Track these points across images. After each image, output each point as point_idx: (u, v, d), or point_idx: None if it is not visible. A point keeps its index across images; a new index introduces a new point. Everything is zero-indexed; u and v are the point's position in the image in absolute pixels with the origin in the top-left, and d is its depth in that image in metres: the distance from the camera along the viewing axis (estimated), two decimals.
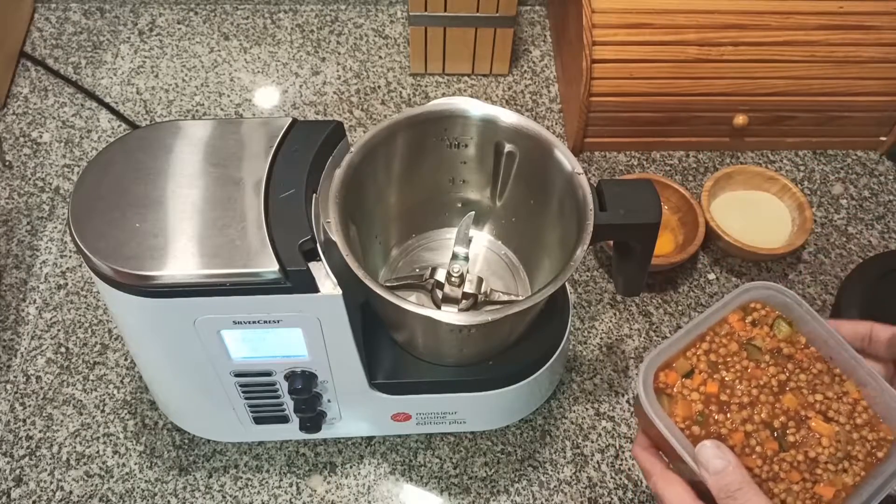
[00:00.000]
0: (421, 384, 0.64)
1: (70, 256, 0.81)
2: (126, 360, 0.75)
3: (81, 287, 0.79)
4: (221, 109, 0.93)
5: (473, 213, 0.67)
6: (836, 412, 0.50)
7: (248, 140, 0.56)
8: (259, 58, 0.98)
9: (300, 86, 0.96)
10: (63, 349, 0.75)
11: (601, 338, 0.78)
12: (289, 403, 0.63)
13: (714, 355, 0.52)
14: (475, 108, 0.60)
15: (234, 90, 0.95)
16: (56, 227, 0.83)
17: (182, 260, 0.50)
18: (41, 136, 0.90)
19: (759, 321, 0.53)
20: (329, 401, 0.64)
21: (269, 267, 0.50)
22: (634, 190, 0.57)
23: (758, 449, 0.49)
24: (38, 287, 0.79)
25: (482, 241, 0.71)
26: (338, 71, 0.97)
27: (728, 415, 0.50)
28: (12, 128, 0.91)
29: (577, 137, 0.89)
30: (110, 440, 0.71)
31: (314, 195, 0.55)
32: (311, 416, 0.64)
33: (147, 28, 1.00)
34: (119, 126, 0.92)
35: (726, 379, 0.51)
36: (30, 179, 0.87)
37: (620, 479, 0.70)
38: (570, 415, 0.73)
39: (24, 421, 0.71)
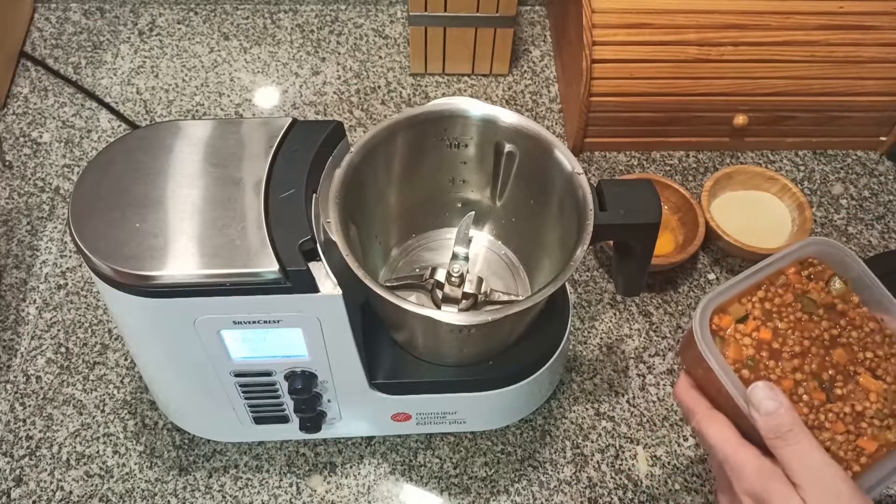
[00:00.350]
0: (421, 384, 0.64)
1: (70, 256, 0.81)
2: (126, 360, 0.75)
3: (81, 287, 0.79)
4: (221, 109, 0.93)
5: (473, 213, 0.67)
6: (885, 371, 0.51)
7: (248, 140, 0.56)
8: (259, 58, 0.98)
9: (300, 86, 0.96)
10: (63, 349, 0.75)
11: (601, 338, 0.78)
12: (289, 403, 0.63)
13: (769, 304, 0.52)
14: (475, 108, 0.60)
15: (234, 90, 0.95)
16: (56, 227, 0.83)
17: (182, 260, 0.50)
18: (41, 136, 0.90)
19: (815, 276, 0.54)
20: (329, 401, 0.64)
21: (269, 267, 0.50)
22: (634, 190, 0.57)
23: (805, 398, 0.49)
24: (38, 287, 0.79)
25: (482, 241, 0.71)
26: (338, 71, 0.97)
27: (779, 362, 0.50)
28: (12, 128, 0.91)
29: (577, 137, 0.89)
30: (110, 440, 0.71)
31: (314, 195, 0.55)
32: (311, 416, 0.64)
33: (147, 28, 1.00)
34: (119, 126, 0.92)
35: (779, 328, 0.51)
36: (30, 179, 0.87)
37: (620, 479, 0.70)
38: (570, 415, 0.73)
39: (24, 421, 0.71)
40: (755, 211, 0.84)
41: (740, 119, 0.86)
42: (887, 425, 0.49)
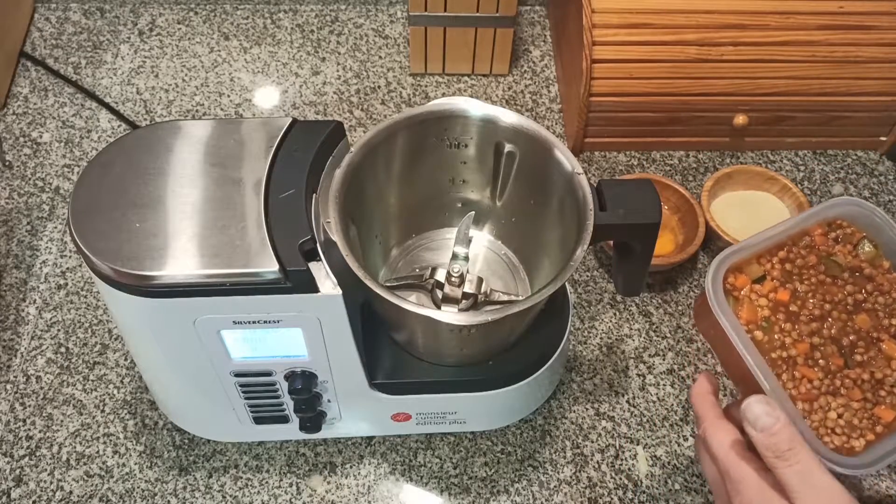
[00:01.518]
0: (421, 384, 0.64)
1: (70, 256, 0.81)
2: (126, 360, 0.75)
3: (81, 287, 0.79)
4: (221, 109, 0.93)
5: (473, 213, 0.67)
6: None
7: (248, 140, 0.56)
8: (259, 58, 0.98)
9: (300, 86, 0.96)
10: (63, 349, 0.75)
11: (601, 338, 0.78)
12: (289, 403, 0.63)
13: (790, 265, 0.49)
14: (475, 108, 0.60)
15: (234, 90, 0.95)
16: (56, 227, 0.83)
17: (182, 260, 0.50)
18: (41, 136, 0.90)
19: (843, 238, 0.50)
20: (329, 401, 0.64)
21: (269, 267, 0.50)
22: (634, 190, 0.57)
23: (821, 362, 0.47)
24: (38, 287, 0.79)
25: (482, 241, 0.71)
26: (338, 71, 0.97)
27: (796, 325, 0.47)
28: (12, 128, 0.91)
29: (577, 137, 0.89)
30: (110, 440, 0.71)
31: (314, 195, 0.55)
32: (311, 416, 0.64)
33: (147, 28, 1.00)
34: (119, 126, 0.92)
35: (799, 290, 0.48)
36: (30, 179, 0.87)
37: (620, 479, 0.70)
38: (570, 415, 0.73)
39: (24, 421, 0.71)
40: (755, 211, 0.84)
41: (740, 119, 0.86)
42: None
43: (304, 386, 0.60)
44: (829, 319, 0.48)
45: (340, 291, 0.52)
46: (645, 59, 0.84)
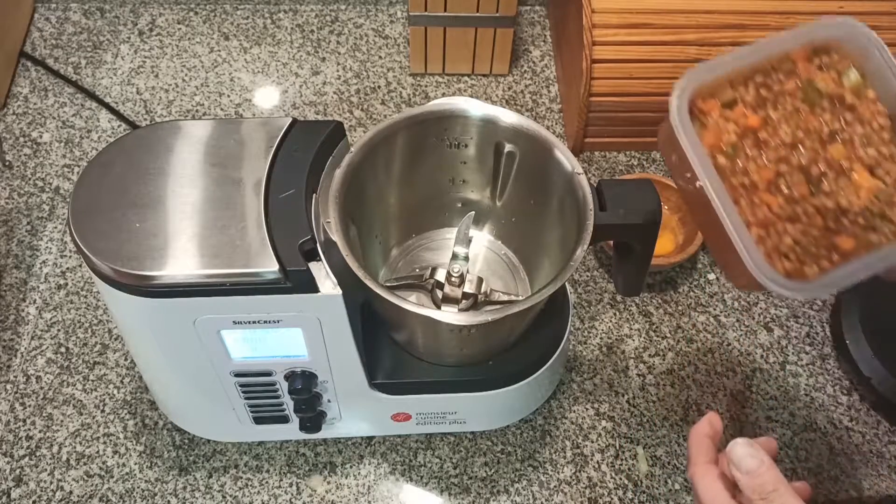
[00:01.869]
0: (421, 384, 0.64)
1: (70, 256, 0.81)
2: (126, 360, 0.75)
3: (81, 287, 0.79)
4: (221, 109, 0.93)
5: (473, 213, 0.67)
6: (886, 172, 0.46)
7: (248, 140, 0.56)
8: (259, 58, 0.98)
9: (300, 86, 0.96)
10: (63, 349, 0.75)
11: (601, 338, 0.78)
12: (289, 403, 0.63)
13: (766, 90, 0.46)
14: (475, 108, 0.60)
15: (234, 90, 0.95)
16: (56, 227, 0.83)
17: (182, 260, 0.50)
18: (41, 136, 0.90)
19: (828, 66, 0.47)
20: (329, 401, 0.64)
21: (269, 267, 0.50)
22: (634, 190, 0.57)
23: (785, 190, 0.45)
24: (38, 287, 0.79)
25: (482, 241, 0.71)
26: (338, 71, 0.97)
27: (763, 152, 0.45)
28: (12, 128, 0.91)
29: (577, 137, 0.89)
30: (110, 440, 0.71)
31: (314, 195, 0.55)
32: (311, 416, 0.64)
33: (147, 28, 1.00)
34: (119, 126, 0.92)
35: (772, 117, 0.46)
36: (30, 179, 0.87)
37: (620, 479, 0.70)
38: (570, 415, 0.73)
39: (24, 421, 0.71)
40: None
41: None
42: (872, 226, 0.45)
43: (304, 386, 0.60)
44: (801, 148, 0.45)
45: (340, 291, 0.52)
46: (645, 59, 0.84)
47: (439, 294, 0.63)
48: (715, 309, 0.80)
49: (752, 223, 0.45)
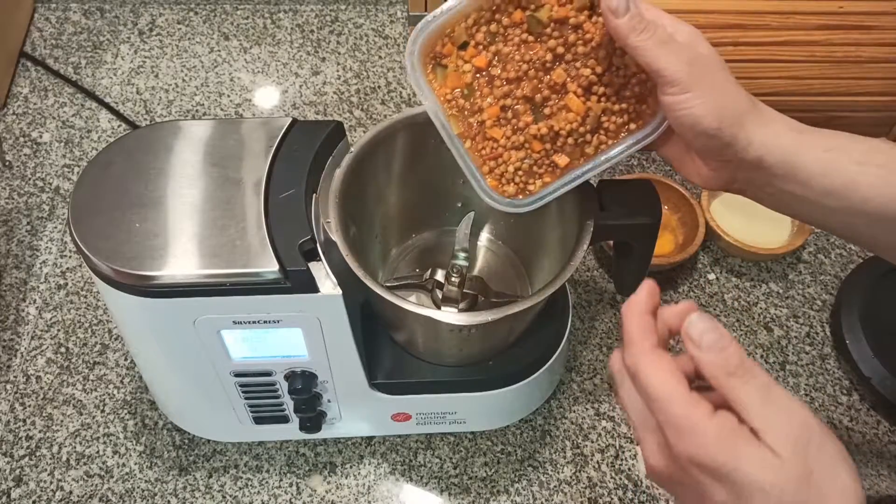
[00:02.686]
0: (421, 384, 0.64)
1: (70, 256, 0.81)
2: (126, 360, 0.75)
3: (81, 287, 0.79)
4: (221, 109, 0.93)
5: (473, 213, 0.67)
6: (605, 86, 0.48)
7: (248, 140, 0.56)
8: (259, 58, 0.98)
9: (300, 86, 0.96)
10: (63, 349, 0.75)
11: (601, 338, 0.78)
12: (289, 403, 0.63)
13: (496, 25, 0.48)
14: None
15: (234, 90, 0.95)
16: (56, 227, 0.83)
17: (182, 260, 0.50)
18: (41, 136, 0.90)
19: None
20: (329, 401, 0.64)
21: (269, 267, 0.50)
22: (634, 190, 0.57)
23: (513, 121, 0.49)
24: (38, 287, 0.79)
25: (482, 241, 0.71)
26: (338, 71, 0.97)
27: (492, 89, 0.48)
28: (12, 128, 0.91)
29: None
30: (110, 440, 0.71)
31: (314, 195, 0.55)
32: (311, 415, 0.64)
33: (147, 28, 1.01)
34: (119, 126, 0.92)
35: (502, 51, 0.48)
36: (30, 179, 0.87)
37: (620, 479, 0.70)
38: (570, 415, 0.73)
39: (24, 421, 0.71)
40: (755, 211, 0.83)
41: None
42: (584, 140, 0.49)
43: (304, 386, 0.60)
44: (525, 80, 0.48)
45: (340, 291, 0.52)
46: None
47: (439, 294, 0.63)
48: (715, 309, 0.80)
49: (484, 159, 0.50)
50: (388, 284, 0.67)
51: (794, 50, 0.84)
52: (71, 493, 0.68)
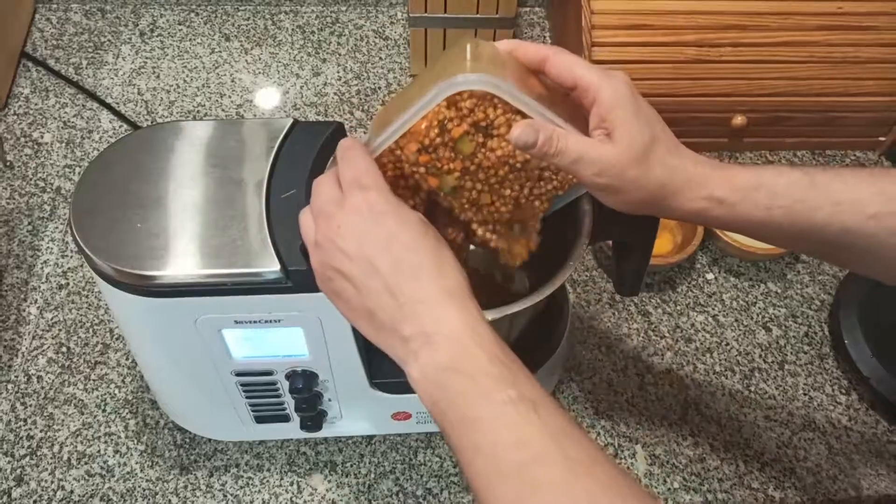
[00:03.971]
0: None
1: (71, 256, 0.82)
2: (127, 359, 0.75)
3: (83, 287, 0.80)
4: (222, 110, 0.94)
5: None
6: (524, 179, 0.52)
7: (250, 141, 0.57)
8: (260, 59, 0.98)
9: (301, 87, 0.96)
10: (64, 349, 0.76)
11: (600, 337, 0.78)
12: (290, 402, 0.64)
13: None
14: None
15: (235, 91, 0.95)
16: (57, 228, 0.84)
17: (183, 260, 0.50)
18: (42, 137, 0.91)
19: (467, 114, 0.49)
20: (330, 400, 0.64)
21: (270, 267, 0.50)
22: None
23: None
24: (40, 287, 0.79)
25: None
26: (338, 72, 0.98)
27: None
28: (13, 128, 0.91)
29: None
30: (111, 439, 0.71)
31: None
32: (312, 415, 0.64)
33: (148, 29, 1.01)
34: (120, 127, 0.92)
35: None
36: (31, 180, 0.87)
37: None
38: (570, 414, 0.73)
39: (25, 420, 0.72)
40: None
41: (739, 120, 0.87)
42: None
43: (305, 385, 0.60)
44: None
45: None
46: (644, 61, 0.84)
47: None
48: (713, 309, 0.80)
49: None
50: None
51: (793, 50, 0.85)
52: (72, 492, 0.68)
